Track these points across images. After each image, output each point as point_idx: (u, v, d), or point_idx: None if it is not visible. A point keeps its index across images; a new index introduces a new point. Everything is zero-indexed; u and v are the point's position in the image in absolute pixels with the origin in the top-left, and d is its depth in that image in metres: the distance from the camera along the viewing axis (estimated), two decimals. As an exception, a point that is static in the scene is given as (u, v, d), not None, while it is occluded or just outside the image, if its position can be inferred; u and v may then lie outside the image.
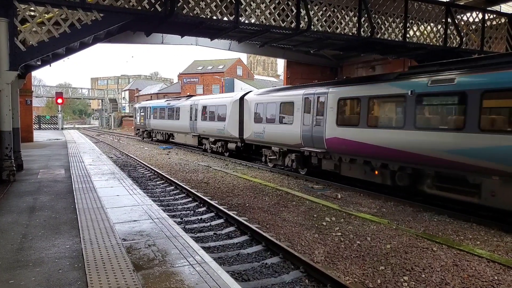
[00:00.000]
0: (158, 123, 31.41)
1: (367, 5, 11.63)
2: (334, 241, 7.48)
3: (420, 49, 13.18)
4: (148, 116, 33.48)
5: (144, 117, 34.56)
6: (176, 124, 27.57)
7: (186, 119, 25.84)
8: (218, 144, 22.24)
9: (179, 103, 27.55)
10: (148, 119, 33.50)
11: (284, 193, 11.91)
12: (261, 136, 17.16)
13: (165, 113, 29.84)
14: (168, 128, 29.67)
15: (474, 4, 14.77)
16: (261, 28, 10.81)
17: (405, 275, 5.93)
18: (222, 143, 21.85)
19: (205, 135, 23.50)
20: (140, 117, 35.84)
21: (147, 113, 33.95)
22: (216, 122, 21.71)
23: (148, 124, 33.79)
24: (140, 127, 36.80)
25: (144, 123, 34.69)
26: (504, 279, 5.74)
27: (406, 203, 10.52)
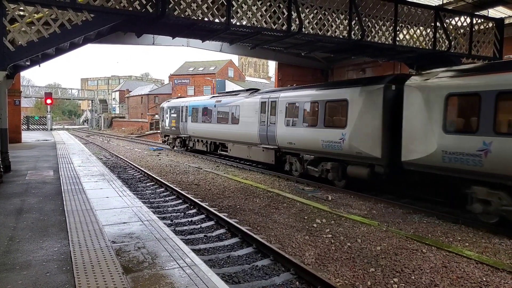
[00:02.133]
0: (201, 128, 22.77)
1: (358, 8, 11.70)
2: (325, 243, 7.50)
3: (410, 52, 13.30)
4: (184, 119, 24.99)
5: (177, 120, 26.01)
6: (233, 130, 19.00)
7: (251, 122, 17.35)
8: (326, 166, 13.36)
9: (237, 100, 19.14)
10: (184, 123, 24.97)
11: (275, 195, 11.92)
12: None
13: (212, 115, 21.29)
14: (218, 136, 20.85)
15: (462, 8, 14.97)
16: (253, 30, 10.81)
17: (395, 276, 5.97)
18: (334, 165, 13.03)
19: (294, 149, 14.75)
20: (171, 120, 27.07)
21: (181, 115, 25.41)
22: (322, 130, 13.26)
23: (183, 129, 25.13)
24: (169, 133, 27.92)
25: (177, 128, 26.06)
26: (492, 280, 5.81)
27: (396, 205, 10.60)
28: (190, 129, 24.17)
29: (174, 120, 26.54)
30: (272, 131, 15.85)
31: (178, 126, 25.90)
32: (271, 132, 15.92)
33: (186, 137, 25.07)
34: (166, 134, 28.99)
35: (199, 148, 23.84)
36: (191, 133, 24.18)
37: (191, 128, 24.10)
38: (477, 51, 13.85)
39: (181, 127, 25.37)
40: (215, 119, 20.91)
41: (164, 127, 28.78)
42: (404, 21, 12.65)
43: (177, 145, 27.25)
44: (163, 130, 29.37)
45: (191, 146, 24.98)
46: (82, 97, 75.27)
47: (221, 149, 21.35)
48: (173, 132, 27.10)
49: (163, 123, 28.89)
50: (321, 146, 13.18)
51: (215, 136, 21.17)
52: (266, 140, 16.29)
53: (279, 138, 15.42)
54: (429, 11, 13.02)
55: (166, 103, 29.04)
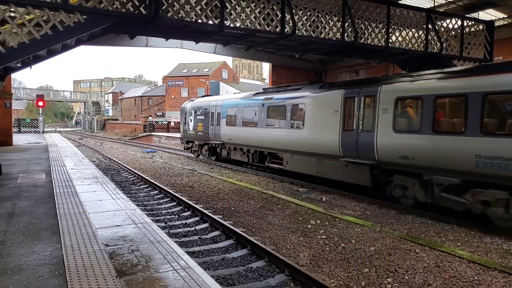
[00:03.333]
0: (241, 133, 17.53)
1: (351, 11, 11.78)
2: (319, 244, 7.52)
3: (402, 54, 13.42)
4: (215, 121, 19.88)
5: (206, 123, 20.84)
6: (293, 136, 14.20)
7: (327, 126, 12.57)
8: (485, 196, 8.44)
9: (299, 96, 14.23)
10: (215, 126, 19.76)
11: (269, 196, 11.92)
12: None
13: (258, 116, 16.26)
14: (268, 143, 15.79)
15: (453, 11, 15.12)
16: (246, 32, 10.83)
17: (389, 277, 6.00)
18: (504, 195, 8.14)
19: (413, 166, 9.80)
20: (196, 123, 22.06)
21: (212, 117, 20.29)
22: (482, 140, 8.30)
23: (214, 134, 19.85)
24: (194, 139, 22.70)
25: (206, 133, 20.78)
26: (484, 279, 5.86)
27: (390, 206, 10.65)
28: (225, 134, 18.80)
29: (200, 123, 21.43)
30: (367, 139, 10.95)
31: (206, 131, 20.61)
32: (365, 141, 11.01)
33: (218, 144, 19.66)
34: (190, 140, 23.42)
35: (236, 158, 18.63)
36: (225, 139, 18.81)
37: (226, 133, 18.73)
38: (468, 53, 14.01)
39: (212, 132, 20.00)
40: (263, 121, 15.88)
41: (187, 131, 23.10)
42: (397, 23, 12.76)
43: (204, 154, 21.98)
44: (185, 135, 23.68)
45: (225, 156, 19.67)
46: (74, 99, 74.74)
47: (270, 161, 16.17)
48: (200, 138, 21.78)
49: (186, 127, 23.44)
50: (476, 165, 8.27)
51: (263, 143, 16.01)
52: (355, 152, 11.39)
53: (382, 149, 10.48)
54: (421, 13, 13.16)
55: (189, 103, 23.72)
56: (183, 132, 24.24)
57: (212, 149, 21.13)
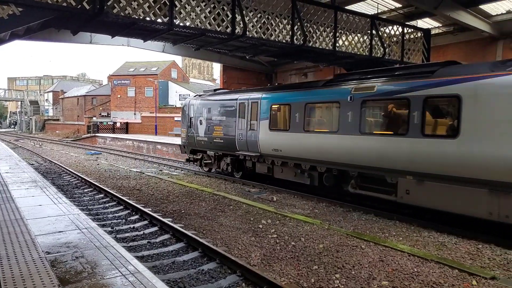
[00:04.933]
0: (299, 141, 12.10)
1: (300, 14, 12.04)
2: (270, 243, 7.61)
3: (349, 58, 13.93)
4: (248, 124, 14.26)
5: (230, 127, 15.20)
6: (432, 149, 8.59)
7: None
8: None
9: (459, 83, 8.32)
10: (249, 131, 14.17)
11: (221, 198, 11.87)
12: None
13: (338, 116, 10.91)
14: (363, 159, 10.13)
15: (395, 18, 15.98)
16: (196, 31, 10.70)
17: (337, 272, 6.20)
18: None
19: None
20: (210, 126, 16.27)
21: (242, 118, 14.58)
22: None
23: (246, 142, 14.28)
24: (207, 147, 16.71)
25: (230, 141, 15.13)
26: (423, 271, 6.25)
27: (337, 204, 11.03)
28: (267, 142, 13.25)
29: (219, 126, 15.77)
30: None
31: (231, 137, 15.01)
32: None
33: (252, 156, 13.95)
34: (198, 149, 17.41)
35: (284, 178, 13.03)
36: (267, 149, 13.29)
37: (269, 141, 13.21)
38: (408, 58, 14.86)
39: (241, 139, 14.46)
40: (351, 125, 10.32)
41: (194, 137, 17.24)
42: (343, 28, 13.23)
43: (224, 168, 16.06)
44: (191, 142, 17.68)
45: (263, 172, 13.82)
46: (9, 97, 69.64)
47: (359, 185, 10.51)
48: (217, 147, 15.97)
49: (192, 131, 17.44)
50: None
51: (351, 158, 10.38)
52: None
53: None
54: (365, 19, 13.75)
55: (197, 99, 17.60)
56: (187, 138, 17.88)
57: (237, 162, 15.32)
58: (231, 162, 15.56)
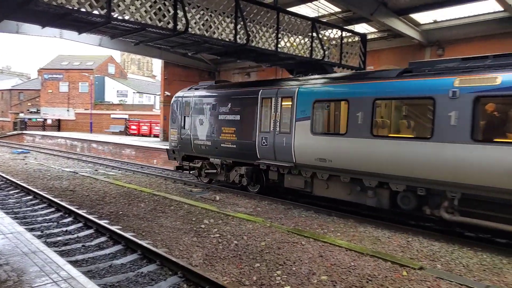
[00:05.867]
0: (361, 149, 9.09)
1: (243, 13, 12.07)
2: (213, 243, 7.55)
3: (290, 59, 14.21)
4: (276, 126, 11.18)
5: (247, 128, 12.04)
6: None
7: None
8: None
9: None
10: (277, 135, 11.08)
11: (161, 198, 11.56)
12: None
13: (435, 117, 8.00)
14: (472, 177, 7.48)
15: (334, 22, 16.60)
16: (136, 26, 10.31)
17: (278, 269, 6.31)
18: None
19: None
20: (215, 127, 13.03)
21: (265, 117, 11.63)
22: None
23: (274, 149, 11.15)
24: (211, 154, 13.38)
25: (246, 146, 11.98)
26: (359, 264, 6.56)
27: (279, 202, 11.23)
28: (309, 149, 10.24)
29: (230, 127, 12.43)
30: None
31: (247, 142, 11.88)
32: None
33: (282, 166, 10.98)
34: (196, 156, 14.00)
35: (331, 195, 10.20)
36: (306, 158, 10.32)
37: (311, 148, 10.19)
38: (346, 61, 15.51)
39: (263, 144, 11.39)
40: (460, 128, 7.70)
41: (191, 140, 13.90)
42: (285, 29, 13.47)
43: (235, 180, 12.66)
44: (184, 146, 14.37)
45: (297, 187, 10.87)
46: None
47: (460, 210, 7.97)
48: (223, 153, 12.74)
49: (186, 133, 14.18)
50: None
51: (455, 174, 7.76)
52: None
53: None
54: (306, 21, 14.12)
55: (193, 93, 14.28)
56: (179, 141, 14.47)
57: (256, 173, 12.24)
58: (247, 173, 12.12)
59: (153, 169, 18.72)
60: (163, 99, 25.76)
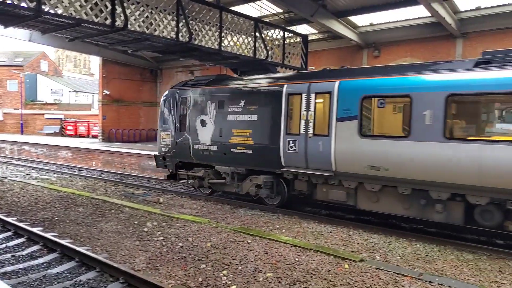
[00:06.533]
0: (455, 155, 7.40)
1: (185, 11, 11.87)
2: (156, 246, 7.34)
3: (234, 59, 14.23)
4: (315, 127, 9.25)
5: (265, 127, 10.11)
6: None
7: None
8: None
9: None
10: (320, 138, 9.07)
11: (101, 202, 11.02)
12: None
13: None
14: None
15: (277, 22, 16.86)
16: (70, 20, 9.74)
17: (224, 269, 6.28)
18: None
19: None
20: (225, 128, 10.89)
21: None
22: None
23: (307, 154, 9.30)
24: (217, 161, 11.20)
25: (265, 151, 10.07)
26: (303, 260, 6.72)
27: (225, 201, 11.20)
28: (358, 155, 8.53)
29: (242, 129, 10.53)
30: None
31: (268, 147, 10.02)
32: None
33: (323, 175, 9.14)
34: (192, 162, 11.90)
35: (384, 209, 8.76)
36: (355, 166, 8.62)
37: (361, 154, 8.48)
38: (288, 61, 15.82)
39: (291, 149, 9.58)
40: None
41: (190, 144, 11.70)
42: (229, 28, 13.46)
43: (247, 191, 10.77)
44: (180, 152, 12.11)
45: (341, 201, 9.24)
46: None
47: None
48: (235, 160, 10.77)
49: (183, 136, 11.94)
50: None
51: None
52: None
53: None
54: (249, 21, 14.20)
55: (192, 89, 12.07)
56: (173, 146, 12.22)
57: (277, 183, 10.35)
58: (266, 183, 10.21)
59: (92, 171, 17.84)
60: (101, 98, 24.64)
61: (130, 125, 25.92)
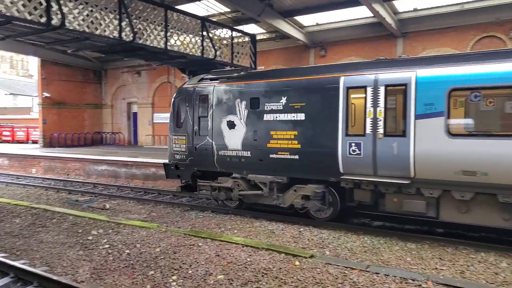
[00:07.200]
0: None
1: (127, 9, 11.47)
2: (101, 255, 6.98)
3: (181, 58, 13.96)
4: (386, 127, 7.83)
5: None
6: None
7: None
8: None
9: None
10: (393, 139, 7.71)
11: (41, 211, 10.33)
12: None
13: None
14: None
15: (224, 22, 16.77)
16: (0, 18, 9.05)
17: (174, 274, 6.09)
18: None
19: None
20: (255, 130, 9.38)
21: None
22: None
23: (386, 159, 7.81)
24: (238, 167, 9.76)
25: (309, 155, 8.70)
26: (255, 259, 6.68)
27: (175, 205, 10.94)
28: (446, 158, 7.21)
29: (285, 131, 8.98)
30: None
31: (321, 151, 8.55)
32: None
33: (397, 183, 7.77)
34: (214, 171, 10.25)
35: (477, 221, 7.59)
36: (441, 171, 7.29)
37: (450, 157, 7.18)
38: (237, 61, 15.80)
39: (353, 152, 8.12)
40: None
41: (213, 150, 10.02)
42: (175, 27, 13.19)
43: (291, 203, 9.26)
44: (199, 159, 10.36)
45: (419, 212, 7.87)
46: None
47: None
48: (276, 167, 9.20)
49: (203, 141, 10.23)
50: None
51: None
52: None
53: None
54: (196, 20, 14.01)
55: (215, 85, 10.22)
56: (189, 153, 10.48)
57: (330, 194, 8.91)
58: (317, 193, 8.76)
59: (32, 179, 16.74)
60: (41, 101, 23.20)
61: (74, 129, 24.64)
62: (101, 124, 26.23)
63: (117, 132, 25.85)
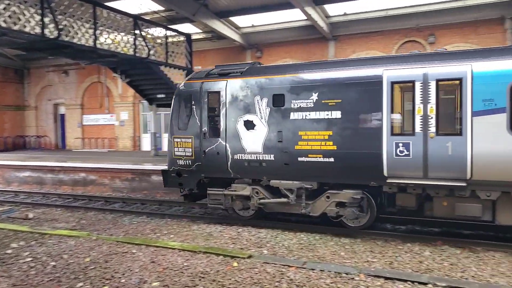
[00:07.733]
0: None
1: (51, 4, 10.69)
2: (22, 270, 6.39)
3: (112, 57, 13.31)
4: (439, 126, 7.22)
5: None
6: None
7: None
8: None
9: None
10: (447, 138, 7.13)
11: (-50, 225, 9.27)
12: None
13: None
14: None
15: (158, 20, 16.29)
16: None
17: (106, 285, 5.75)
18: None
19: None
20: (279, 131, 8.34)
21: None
22: None
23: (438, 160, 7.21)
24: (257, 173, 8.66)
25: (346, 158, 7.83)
26: (192, 263, 6.53)
27: (106, 211, 10.41)
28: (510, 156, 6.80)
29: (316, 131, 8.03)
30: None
31: (362, 153, 7.68)
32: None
33: (452, 185, 7.18)
34: (226, 177, 9.05)
35: None
36: (502, 172, 6.84)
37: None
38: (172, 60, 15.42)
39: (401, 153, 7.38)
40: None
41: (227, 153, 8.80)
42: (105, 25, 12.55)
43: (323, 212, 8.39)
44: (208, 164, 9.03)
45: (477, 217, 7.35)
46: None
47: None
48: (306, 172, 8.22)
49: (214, 143, 8.95)
50: None
51: None
52: None
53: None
54: (128, 18, 13.45)
55: (228, 80, 8.97)
56: (196, 157, 9.17)
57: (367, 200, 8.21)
58: (355, 200, 7.95)
59: None
60: (-45, 103, 20.93)
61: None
62: (24, 127, 24.26)
63: (43, 135, 24.06)
